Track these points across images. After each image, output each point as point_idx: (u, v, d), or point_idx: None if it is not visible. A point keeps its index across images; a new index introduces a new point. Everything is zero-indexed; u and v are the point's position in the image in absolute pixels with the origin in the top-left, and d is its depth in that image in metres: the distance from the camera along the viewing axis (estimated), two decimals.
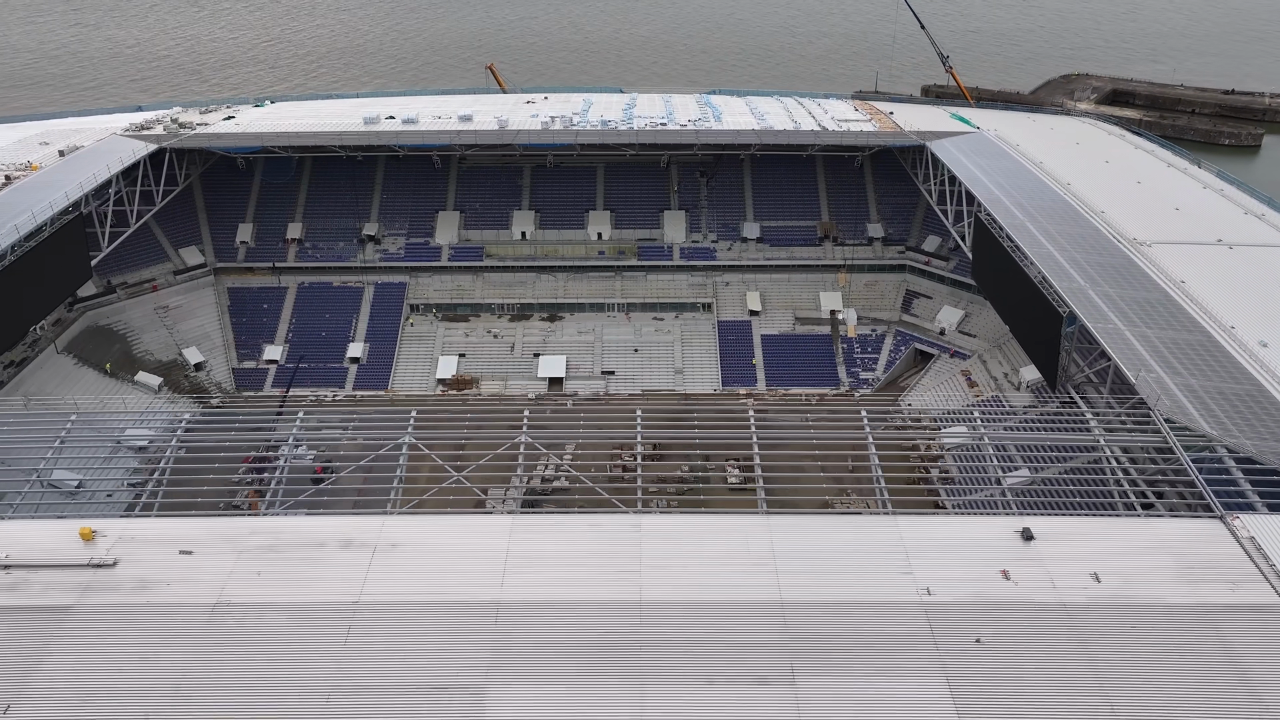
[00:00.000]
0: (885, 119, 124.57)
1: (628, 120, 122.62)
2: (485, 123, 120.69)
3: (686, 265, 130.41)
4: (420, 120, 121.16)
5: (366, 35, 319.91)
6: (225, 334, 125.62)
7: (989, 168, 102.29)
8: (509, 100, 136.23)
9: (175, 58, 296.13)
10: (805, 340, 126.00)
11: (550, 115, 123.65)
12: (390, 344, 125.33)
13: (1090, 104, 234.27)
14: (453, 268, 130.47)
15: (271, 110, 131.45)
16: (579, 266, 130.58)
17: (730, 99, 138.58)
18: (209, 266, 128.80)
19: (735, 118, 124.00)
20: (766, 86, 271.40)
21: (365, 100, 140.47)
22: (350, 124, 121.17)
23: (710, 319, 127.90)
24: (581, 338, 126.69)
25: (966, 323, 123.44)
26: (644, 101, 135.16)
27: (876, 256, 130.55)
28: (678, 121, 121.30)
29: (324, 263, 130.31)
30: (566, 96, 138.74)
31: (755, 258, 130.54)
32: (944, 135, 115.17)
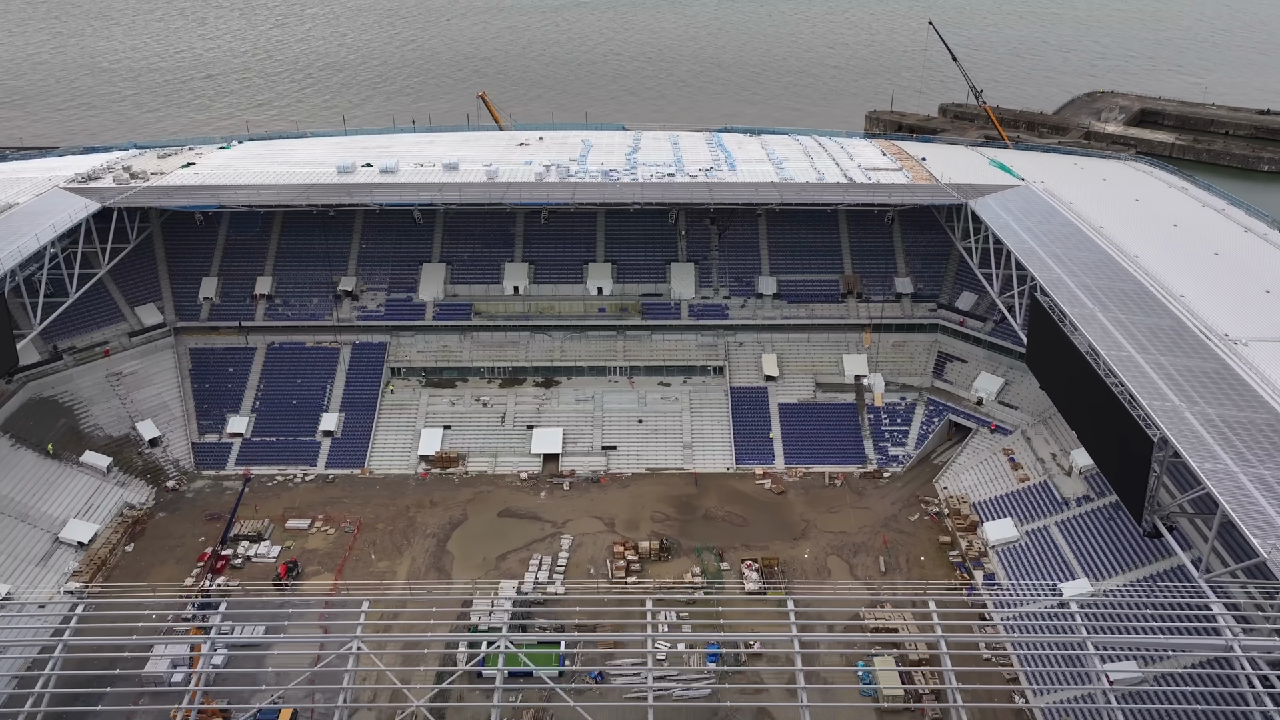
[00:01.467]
0: (916, 166, 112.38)
1: (631, 168, 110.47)
2: (472, 172, 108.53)
3: (695, 324, 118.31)
4: (400, 169, 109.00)
5: (357, 46, 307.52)
6: (185, 403, 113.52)
7: (1042, 233, 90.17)
8: (500, 141, 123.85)
9: (158, 70, 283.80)
10: (827, 410, 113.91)
11: (545, 163, 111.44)
12: (368, 414, 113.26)
13: (1118, 125, 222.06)
14: (438, 327, 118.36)
15: (237, 154, 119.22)
16: (577, 325, 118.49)
17: (743, 139, 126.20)
18: (169, 326, 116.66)
19: (750, 165, 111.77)
20: (775, 98, 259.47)
21: (342, 140, 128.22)
22: (322, 173, 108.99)
23: (722, 384, 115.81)
24: (579, 406, 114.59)
25: (1007, 392, 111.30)
26: (649, 143, 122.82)
27: (905, 315, 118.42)
28: (687, 171, 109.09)
29: (296, 321, 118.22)
30: (564, 136, 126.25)
31: (771, 316, 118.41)
32: (984, 189, 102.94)
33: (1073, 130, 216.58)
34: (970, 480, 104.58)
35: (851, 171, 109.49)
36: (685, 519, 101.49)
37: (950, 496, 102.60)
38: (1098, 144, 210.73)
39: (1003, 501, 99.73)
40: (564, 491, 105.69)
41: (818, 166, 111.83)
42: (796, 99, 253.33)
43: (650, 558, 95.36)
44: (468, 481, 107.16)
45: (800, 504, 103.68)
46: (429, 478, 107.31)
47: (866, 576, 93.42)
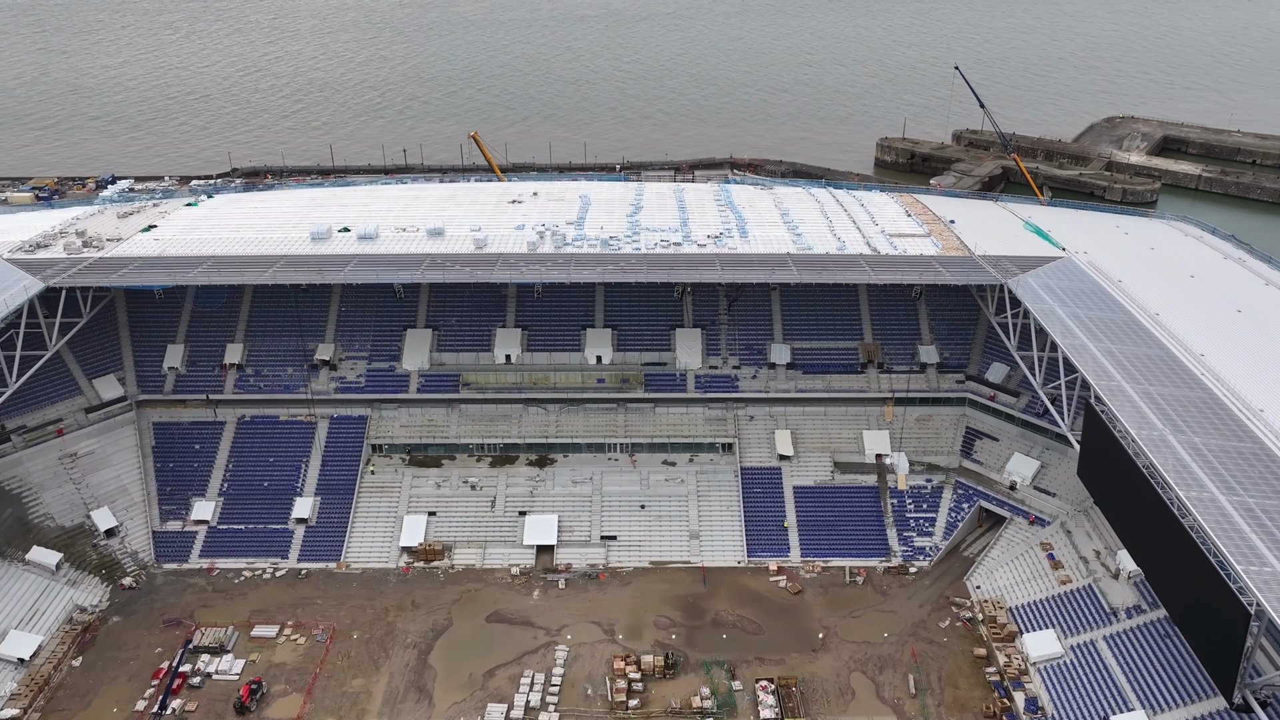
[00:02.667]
0: (945, 231, 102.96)
1: (633, 233, 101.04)
2: (459, 238, 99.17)
3: (702, 397, 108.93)
4: (380, 235, 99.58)
5: (349, 65, 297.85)
6: (146, 485, 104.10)
7: (1093, 322, 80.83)
8: (491, 197, 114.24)
9: (142, 90, 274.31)
10: (846, 494, 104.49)
11: (539, 226, 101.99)
12: (346, 498, 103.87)
13: (1141, 155, 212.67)
14: (423, 400, 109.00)
15: (204, 214, 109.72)
16: (574, 398, 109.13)
17: (754, 194, 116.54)
18: (130, 400, 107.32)
19: (764, 229, 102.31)
20: (783, 123, 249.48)
21: (319, 195, 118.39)
22: (295, 239, 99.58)
23: (731, 464, 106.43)
24: (577, 489, 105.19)
25: (1044, 476, 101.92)
26: (652, 199, 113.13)
27: (930, 387, 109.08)
28: (694, 238, 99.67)
29: (269, 394, 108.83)
30: (560, 190, 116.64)
31: (785, 388, 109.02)
32: (1022, 262, 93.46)
33: (1094, 160, 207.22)
34: (1005, 579, 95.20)
35: (875, 239, 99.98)
36: (693, 625, 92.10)
37: (984, 600, 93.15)
38: (1120, 175, 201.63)
39: (1043, 608, 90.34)
40: (559, 590, 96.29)
41: (837, 232, 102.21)
42: (805, 123, 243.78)
43: (654, 675, 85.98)
44: (454, 577, 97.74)
45: (819, 606, 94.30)
46: (411, 573, 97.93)
47: (895, 699, 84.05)
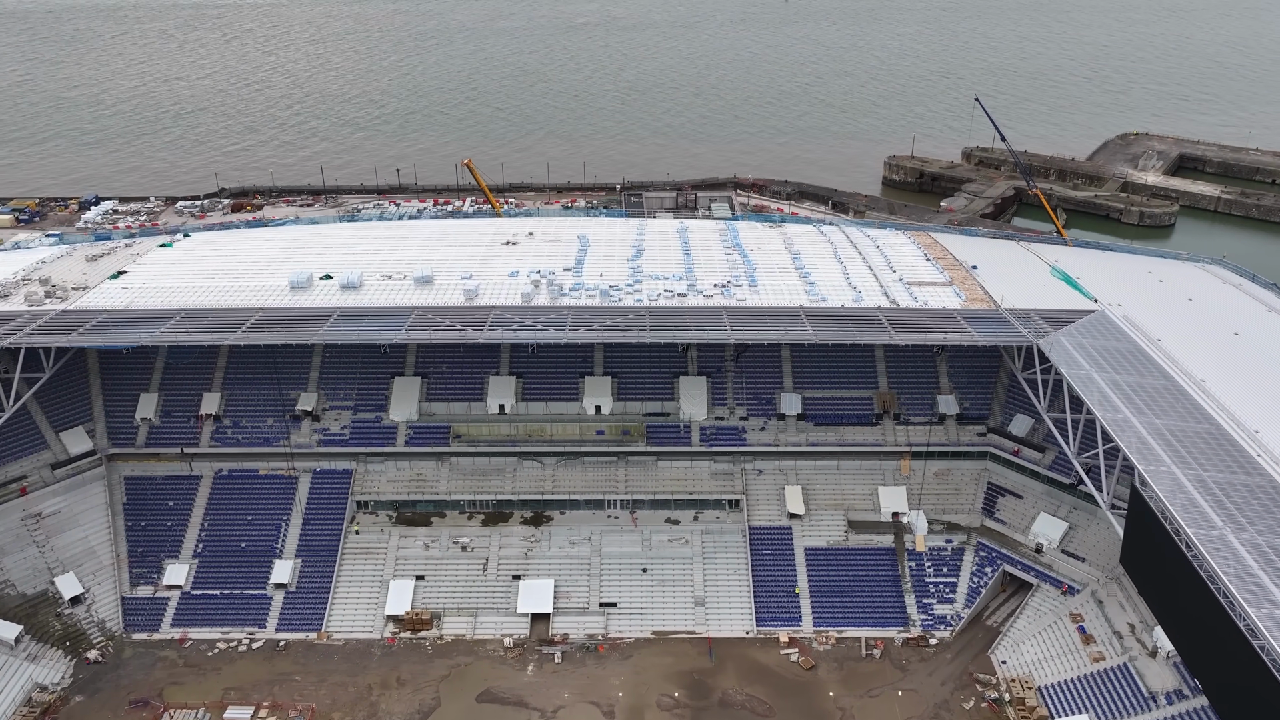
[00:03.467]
0: (967, 278, 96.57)
1: (634, 280, 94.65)
2: (448, 287, 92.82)
3: (708, 451, 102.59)
4: (364, 283, 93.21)
5: (344, 76, 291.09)
6: (116, 546, 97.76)
7: (1133, 389, 74.52)
8: (484, 238, 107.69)
9: (131, 103, 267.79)
10: (861, 557, 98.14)
11: (534, 273, 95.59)
12: (328, 561, 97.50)
13: (1157, 175, 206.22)
14: (411, 453, 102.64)
15: (179, 257, 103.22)
16: (572, 451, 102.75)
17: (762, 232, 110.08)
18: (99, 454, 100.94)
19: (774, 276, 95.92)
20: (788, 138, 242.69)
21: (302, 235, 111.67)
22: (273, 288, 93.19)
23: (739, 522, 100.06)
24: (574, 550, 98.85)
25: (1072, 538, 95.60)
26: (654, 240, 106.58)
27: (950, 440, 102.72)
28: (700, 287, 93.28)
29: (247, 447, 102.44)
30: (558, 228, 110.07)
31: (796, 441, 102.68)
32: (1053, 316, 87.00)
33: (1109, 181, 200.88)
34: (1033, 654, 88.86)
35: (893, 288, 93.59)
36: (699, 705, 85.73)
37: (1011, 678, 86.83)
38: (1136, 196, 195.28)
39: (1075, 688, 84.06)
40: (555, 665, 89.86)
41: (853, 279, 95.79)
42: (810, 139, 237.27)
43: None
44: (442, 649, 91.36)
45: (834, 683, 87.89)
46: (397, 644, 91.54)
47: None
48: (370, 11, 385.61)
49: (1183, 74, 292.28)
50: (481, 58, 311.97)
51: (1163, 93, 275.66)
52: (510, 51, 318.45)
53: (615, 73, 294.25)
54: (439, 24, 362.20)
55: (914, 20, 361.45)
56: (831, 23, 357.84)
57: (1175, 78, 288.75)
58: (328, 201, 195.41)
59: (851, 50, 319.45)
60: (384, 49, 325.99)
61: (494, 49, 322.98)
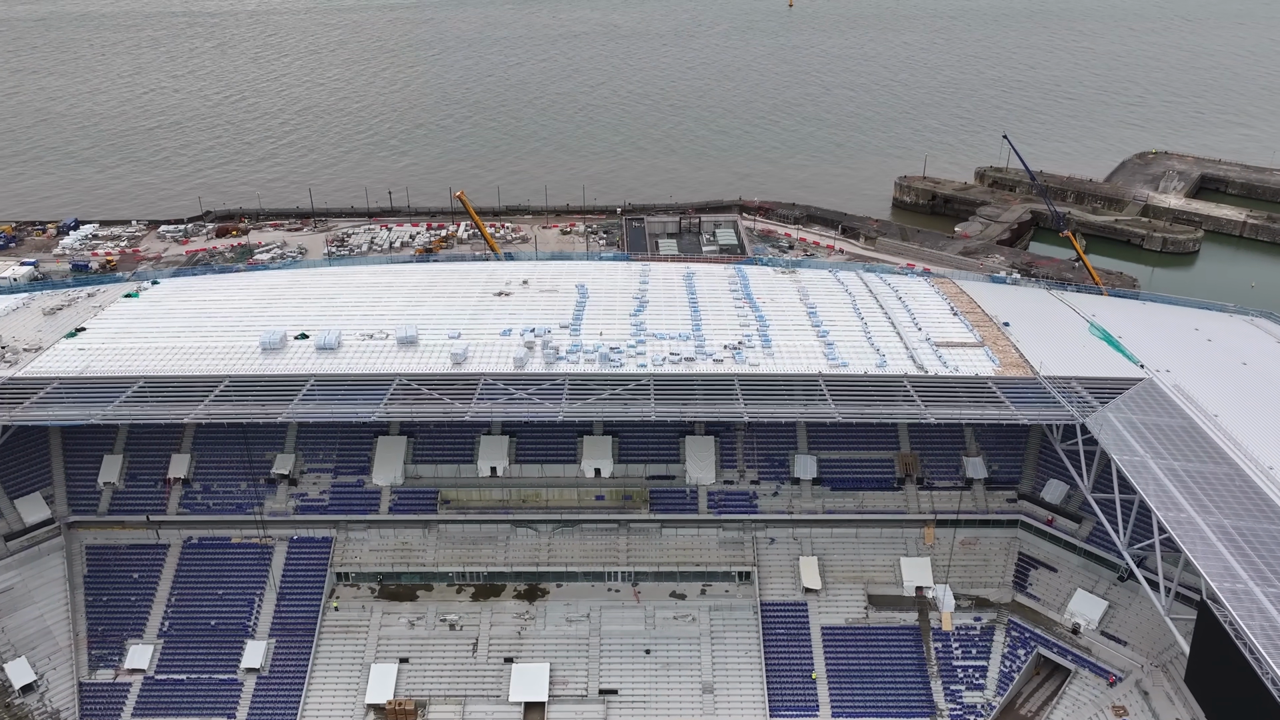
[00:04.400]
0: (999, 336, 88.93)
1: (637, 338, 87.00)
2: (434, 348, 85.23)
3: (716, 518, 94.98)
4: (343, 344, 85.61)
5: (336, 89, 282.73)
6: (74, 625, 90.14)
7: (1193, 478, 67.09)
8: (475, 287, 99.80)
9: (118, 119, 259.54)
10: (883, 637, 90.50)
11: (528, 332, 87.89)
12: (305, 641, 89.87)
13: (1178, 197, 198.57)
14: (396, 521, 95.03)
15: (144, 310, 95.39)
16: (569, 519, 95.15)
17: (774, 281, 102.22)
18: (58, 523, 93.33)
19: (789, 336, 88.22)
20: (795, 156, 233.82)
21: (279, 282, 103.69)
22: (243, 349, 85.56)
23: (750, 597, 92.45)
24: (572, 629, 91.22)
25: (1112, 619, 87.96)
26: (659, 289, 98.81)
27: (977, 506, 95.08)
28: (709, 349, 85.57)
29: (219, 514, 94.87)
30: (554, 275, 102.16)
31: (811, 508, 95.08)
32: (1096, 386, 79.40)
33: (1129, 204, 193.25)
34: None
35: (920, 350, 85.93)
36: None
37: None
38: (1159, 221, 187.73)
39: None
40: None
41: (875, 338, 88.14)
42: (818, 156, 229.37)
43: None
44: None
45: None
46: None
47: None
48: (366, 20, 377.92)
49: (1199, 86, 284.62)
50: (479, 68, 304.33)
51: (1179, 106, 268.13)
52: (509, 62, 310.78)
53: (616, 84, 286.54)
54: (435, 32, 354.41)
55: (920, 29, 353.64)
56: (838, 30, 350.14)
57: (1191, 90, 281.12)
58: (316, 225, 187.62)
59: (858, 60, 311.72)
60: (379, 59, 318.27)
61: (491, 59, 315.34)
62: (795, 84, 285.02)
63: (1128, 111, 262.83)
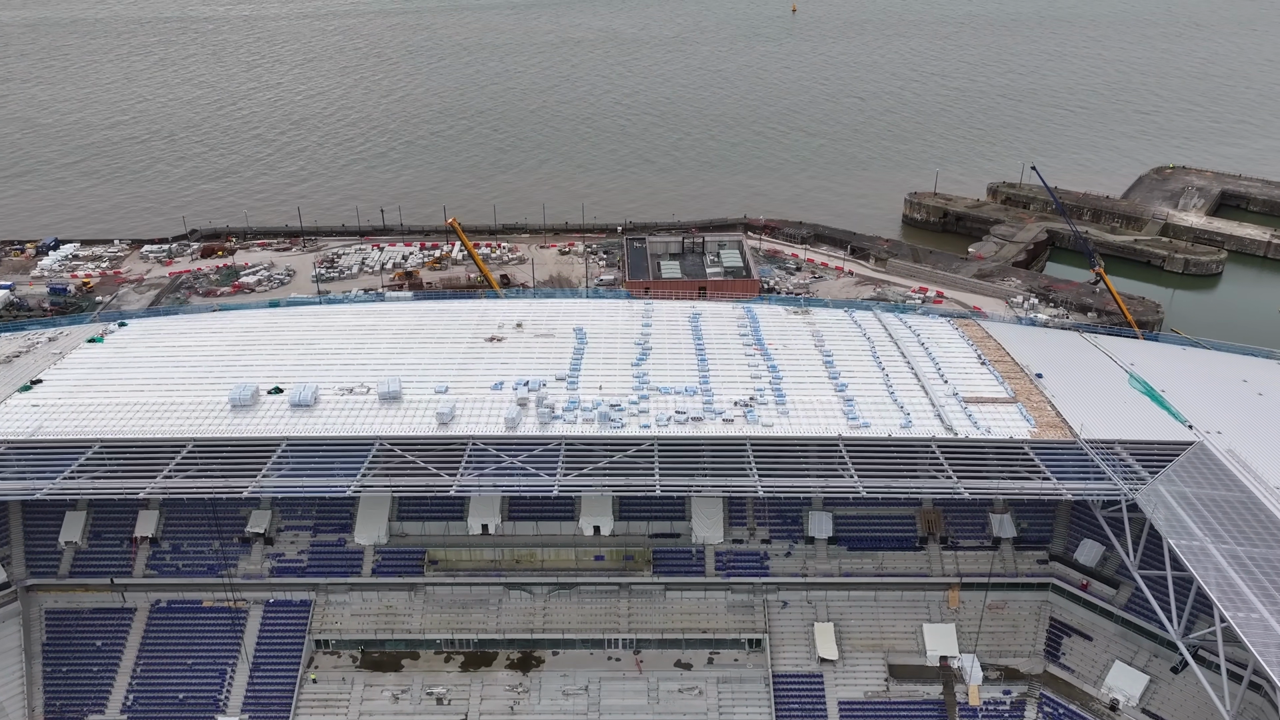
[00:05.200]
0: (1031, 390, 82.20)
1: (640, 395, 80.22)
2: (418, 405, 78.60)
3: (725, 581, 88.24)
4: (320, 400, 78.96)
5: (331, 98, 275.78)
6: (30, 699, 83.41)
7: (1258, 564, 60.44)
8: (466, 329, 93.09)
9: (105, 130, 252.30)
10: (906, 712, 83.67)
11: (522, 384, 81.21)
12: (280, 717, 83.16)
13: (1199, 215, 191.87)
14: (380, 584, 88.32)
15: (107, 358, 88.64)
16: (566, 581, 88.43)
17: (786, 322, 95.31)
18: (15, 585, 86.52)
19: (804, 391, 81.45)
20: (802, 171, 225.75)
21: (253, 325, 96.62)
22: (212, 404, 78.91)
23: (761, 667, 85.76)
24: (569, 703, 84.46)
25: (1154, 695, 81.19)
26: (662, 333, 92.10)
27: (1005, 568, 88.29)
28: (717, 407, 78.89)
29: (189, 577, 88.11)
30: (550, 317, 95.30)
31: (827, 569, 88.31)
32: (1143, 451, 72.70)
33: (1148, 222, 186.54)
34: None
35: (946, 407, 79.15)
36: None
37: None
38: (1180, 241, 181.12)
39: None
40: None
41: (897, 392, 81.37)
42: (825, 169, 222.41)
43: None
44: None
45: None
46: None
47: None
48: (361, 25, 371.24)
49: (1213, 95, 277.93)
50: (477, 78, 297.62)
51: (1193, 116, 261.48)
52: (507, 70, 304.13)
53: (616, 93, 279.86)
54: (431, 39, 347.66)
55: (925, 35, 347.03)
56: (842, 36, 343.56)
57: (1205, 99, 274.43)
58: (305, 245, 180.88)
59: (864, 68, 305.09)
60: (374, 67, 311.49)
61: (490, 66, 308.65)
62: (800, 92, 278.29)
63: (1142, 122, 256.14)
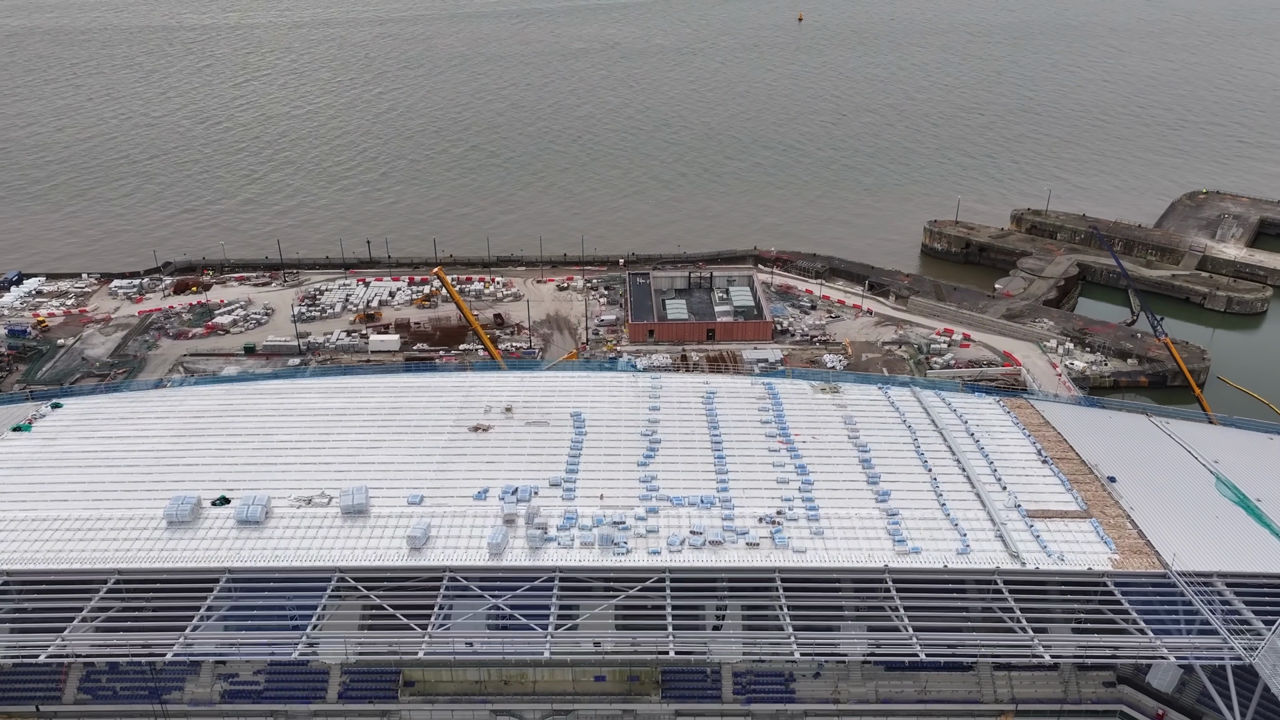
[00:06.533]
0: (1105, 500, 70.89)
1: (648, 508, 68.76)
2: (387, 519, 67.20)
3: (745, 708, 76.53)
4: (272, 513, 67.55)
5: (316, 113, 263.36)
6: None
7: None
8: (448, 412, 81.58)
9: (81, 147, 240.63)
10: None
11: (510, 492, 69.79)
12: None
13: (1238, 247, 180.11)
14: (347, 711, 76.68)
15: (32, 451, 76.98)
16: (563, 708, 76.75)
17: (815, 403, 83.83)
18: None
19: (839, 498, 70.00)
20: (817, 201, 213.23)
21: (209, 404, 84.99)
22: (144, 517, 67.45)
23: None
24: None
25: None
26: (673, 421, 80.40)
27: (1067, 693, 76.62)
28: (739, 524, 67.61)
29: (126, 703, 76.44)
30: (544, 401, 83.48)
31: (862, 694, 76.66)
32: (1247, 587, 61.27)
33: (1185, 255, 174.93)
34: None
35: (1010, 525, 67.69)
36: None
37: None
38: (1220, 276, 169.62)
39: None
40: None
41: (949, 504, 69.88)
42: (839, 196, 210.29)
43: None
44: None
45: None
46: None
47: None
48: (352, 35, 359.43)
49: (1239, 111, 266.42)
50: (469, 90, 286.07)
51: (1220, 133, 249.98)
52: (502, 84, 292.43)
53: (618, 110, 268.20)
54: (425, 50, 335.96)
55: (937, 46, 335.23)
56: (851, 48, 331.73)
57: (1231, 116, 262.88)
58: (286, 279, 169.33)
59: (874, 82, 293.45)
60: (365, 81, 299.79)
61: (484, 80, 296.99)
62: (809, 108, 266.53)
63: (1169, 139, 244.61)
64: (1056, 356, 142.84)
